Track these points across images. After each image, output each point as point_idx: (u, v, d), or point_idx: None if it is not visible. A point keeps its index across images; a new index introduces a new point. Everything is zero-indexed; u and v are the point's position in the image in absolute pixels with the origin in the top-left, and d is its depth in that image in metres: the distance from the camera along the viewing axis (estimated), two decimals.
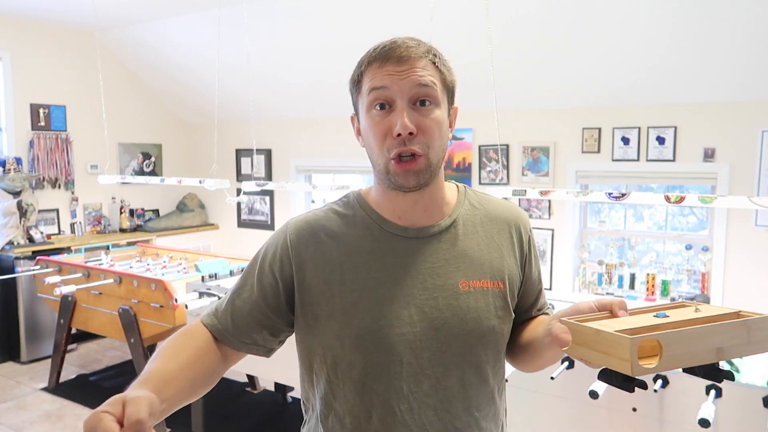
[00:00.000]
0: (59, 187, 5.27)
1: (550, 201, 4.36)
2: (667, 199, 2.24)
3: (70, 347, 4.45)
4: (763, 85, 3.52)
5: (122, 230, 5.64)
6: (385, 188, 1.03)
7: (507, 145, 4.48)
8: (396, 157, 0.96)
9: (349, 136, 1.36)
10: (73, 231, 5.35)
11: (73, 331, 4.12)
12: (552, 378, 1.97)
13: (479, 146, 4.64)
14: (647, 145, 3.98)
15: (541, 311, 1.16)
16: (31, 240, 4.77)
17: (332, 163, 5.47)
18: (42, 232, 4.91)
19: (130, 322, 3.44)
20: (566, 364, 2.04)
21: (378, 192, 1.06)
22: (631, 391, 0.83)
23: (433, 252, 1.02)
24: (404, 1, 3.77)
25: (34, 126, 5.08)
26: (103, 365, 4.49)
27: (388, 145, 0.96)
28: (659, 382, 1.87)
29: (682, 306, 0.93)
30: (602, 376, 0.86)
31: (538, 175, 4.41)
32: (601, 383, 1.79)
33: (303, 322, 1.04)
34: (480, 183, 4.66)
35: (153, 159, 6.06)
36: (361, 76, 1.00)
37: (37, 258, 4.24)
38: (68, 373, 4.25)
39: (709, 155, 3.82)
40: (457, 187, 1.12)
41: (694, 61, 3.55)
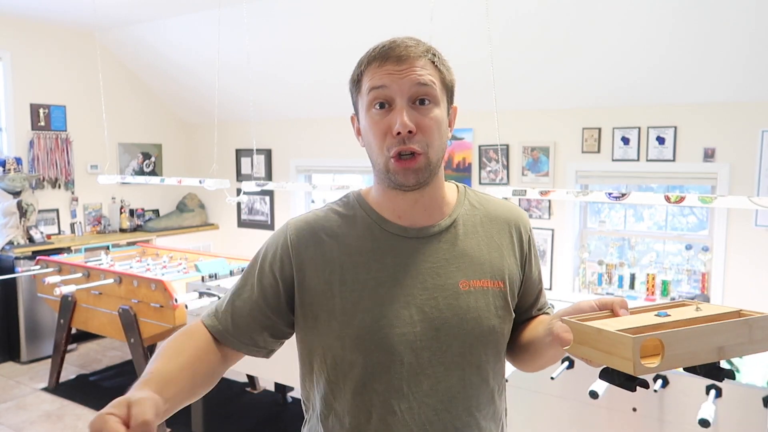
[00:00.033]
0: (59, 187, 5.27)
1: (550, 201, 4.36)
2: (667, 199, 2.24)
3: (70, 347, 4.45)
4: (763, 85, 3.52)
5: (122, 230, 5.64)
6: (385, 188, 1.03)
7: (507, 145, 4.48)
8: (396, 156, 0.96)
9: (349, 136, 1.36)
10: (73, 231, 5.35)
11: (73, 331, 4.12)
12: (552, 378, 1.97)
13: (479, 146, 4.64)
14: (647, 145, 3.98)
15: (542, 311, 1.16)
16: (31, 240, 4.77)
17: (332, 163, 5.47)
18: (42, 232, 4.91)
19: (130, 322, 3.43)
20: (566, 364, 2.04)
21: (378, 192, 1.06)
22: (632, 390, 0.83)
23: (434, 252, 1.02)
24: (404, 1, 3.77)
25: (34, 126, 5.08)
26: (103, 365, 4.49)
27: (387, 144, 0.97)
28: (659, 382, 1.87)
29: (683, 305, 0.93)
30: (604, 375, 0.86)
31: (538, 175, 4.41)
32: (602, 383, 1.80)
33: (303, 322, 1.04)
34: (480, 183, 4.66)
35: (153, 159, 6.06)
36: (361, 76, 1.00)
37: (37, 258, 4.24)
38: (68, 373, 4.25)
39: (709, 155, 3.81)
40: (457, 187, 1.12)
41: (694, 61, 3.55)
